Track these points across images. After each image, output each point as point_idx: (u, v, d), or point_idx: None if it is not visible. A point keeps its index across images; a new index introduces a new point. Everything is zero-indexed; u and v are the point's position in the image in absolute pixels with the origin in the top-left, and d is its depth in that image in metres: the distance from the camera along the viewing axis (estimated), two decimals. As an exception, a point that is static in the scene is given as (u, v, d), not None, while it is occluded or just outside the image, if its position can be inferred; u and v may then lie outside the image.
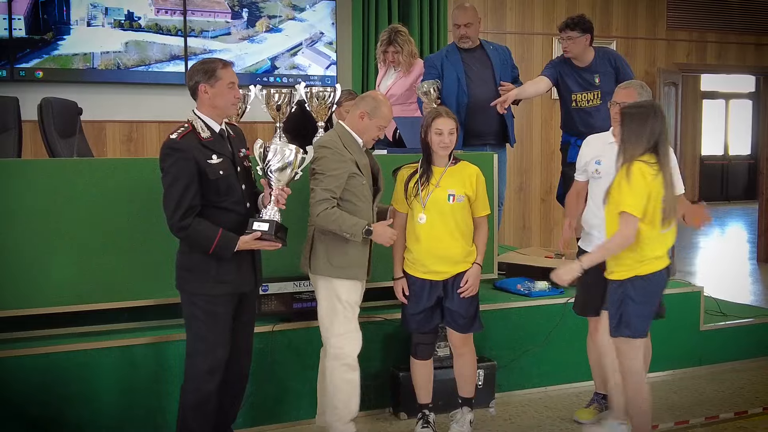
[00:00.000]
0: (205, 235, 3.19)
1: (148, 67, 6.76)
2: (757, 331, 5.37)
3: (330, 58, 7.33)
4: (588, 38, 5.10)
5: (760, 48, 9.27)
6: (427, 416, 3.94)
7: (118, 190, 3.81)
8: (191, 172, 3.15)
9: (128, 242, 3.82)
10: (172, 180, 3.16)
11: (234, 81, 3.30)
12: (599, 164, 3.91)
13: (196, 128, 3.24)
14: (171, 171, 3.16)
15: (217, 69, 3.25)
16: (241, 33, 7.05)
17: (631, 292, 3.44)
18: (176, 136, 3.18)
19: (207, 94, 3.25)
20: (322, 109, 4.29)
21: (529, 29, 8.18)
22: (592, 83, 5.11)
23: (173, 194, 3.15)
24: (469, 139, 5.24)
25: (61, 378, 3.68)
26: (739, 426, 4.16)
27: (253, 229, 3.26)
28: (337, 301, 3.60)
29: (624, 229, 3.37)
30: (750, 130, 16.73)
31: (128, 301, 3.89)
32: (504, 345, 4.48)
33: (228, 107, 3.32)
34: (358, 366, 3.65)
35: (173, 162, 3.15)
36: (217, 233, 3.19)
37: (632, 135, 3.40)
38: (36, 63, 6.45)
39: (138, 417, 3.80)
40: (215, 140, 3.28)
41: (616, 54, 5.45)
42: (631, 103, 3.63)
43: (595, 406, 4.16)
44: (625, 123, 3.44)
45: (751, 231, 10.73)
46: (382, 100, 3.70)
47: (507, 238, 7.91)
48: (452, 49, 5.39)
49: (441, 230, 3.72)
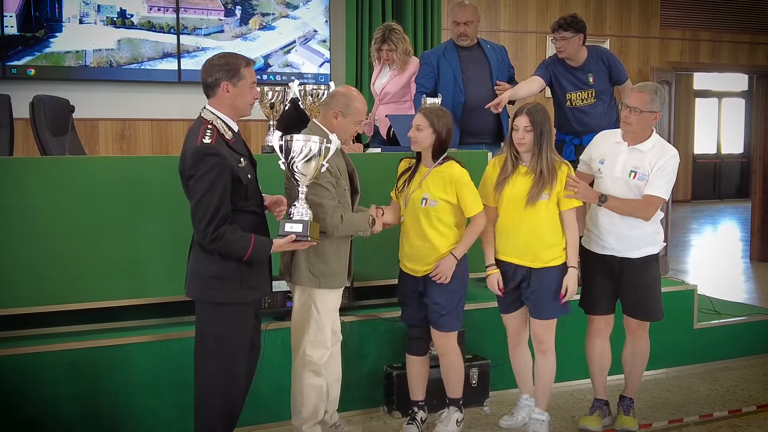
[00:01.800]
0: (240, 243, 3.03)
1: (141, 64, 6.73)
2: (751, 330, 5.38)
3: (323, 56, 7.31)
4: (581, 38, 5.09)
5: (754, 47, 9.29)
6: (415, 413, 3.93)
7: (111, 188, 3.79)
8: (227, 178, 2.99)
9: (120, 240, 3.80)
10: (208, 187, 2.96)
11: (255, 81, 3.17)
12: (602, 164, 3.91)
13: (219, 129, 3.07)
14: (206, 178, 2.96)
15: (241, 67, 3.09)
16: (234, 30, 7.02)
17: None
18: (209, 140, 2.98)
19: (228, 93, 3.09)
20: (315, 107, 4.27)
21: (522, 28, 8.18)
22: (586, 82, 5.10)
23: (208, 203, 2.96)
24: (465, 137, 5.22)
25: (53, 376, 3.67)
26: (732, 424, 4.16)
27: (287, 231, 3.16)
28: (314, 310, 3.56)
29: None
30: (743, 128, 16.79)
31: (118, 300, 3.87)
32: (498, 343, 4.46)
33: (247, 108, 3.17)
34: (323, 372, 3.62)
35: (209, 168, 2.96)
36: (251, 240, 3.06)
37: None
38: (28, 60, 6.41)
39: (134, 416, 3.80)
40: (237, 141, 3.14)
41: (609, 53, 5.44)
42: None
43: (598, 413, 4.10)
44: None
45: (744, 229, 10.76)
46: (354, 95, 3.58)
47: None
48: (449, 47, 5.37)
49: (411, 230, 3.76)
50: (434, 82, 5.25)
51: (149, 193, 3.83)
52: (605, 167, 3.88)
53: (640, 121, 3.77)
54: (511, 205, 3.77)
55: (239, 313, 3.16)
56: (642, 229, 3.86)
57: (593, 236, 3.99)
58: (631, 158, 3.82)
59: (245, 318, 3.20)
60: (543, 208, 3.73)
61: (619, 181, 3.85)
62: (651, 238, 3.91)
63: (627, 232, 3.86)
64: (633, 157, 3.82)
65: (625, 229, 3.86)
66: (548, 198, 3.73)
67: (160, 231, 3.85)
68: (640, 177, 3.80)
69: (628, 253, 3.89)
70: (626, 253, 3.89)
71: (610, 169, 3.86)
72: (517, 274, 3.83)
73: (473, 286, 4.42)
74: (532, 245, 3.77)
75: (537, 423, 3.93)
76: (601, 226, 3.92)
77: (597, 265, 3.99)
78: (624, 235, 3.87)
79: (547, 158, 3.71)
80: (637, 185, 3.81)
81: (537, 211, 3.73)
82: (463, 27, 5.27)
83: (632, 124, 3.78)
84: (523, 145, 3.73)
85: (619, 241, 3.89)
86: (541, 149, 3.71)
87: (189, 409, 3.41)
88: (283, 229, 3.18)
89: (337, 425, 3.90)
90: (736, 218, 13.57)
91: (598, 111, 5.21)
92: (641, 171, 3.80)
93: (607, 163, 3.88)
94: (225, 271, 3.09)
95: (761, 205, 9.42)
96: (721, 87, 16.42)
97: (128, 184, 3.81)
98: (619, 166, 3.84)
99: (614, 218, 3.86)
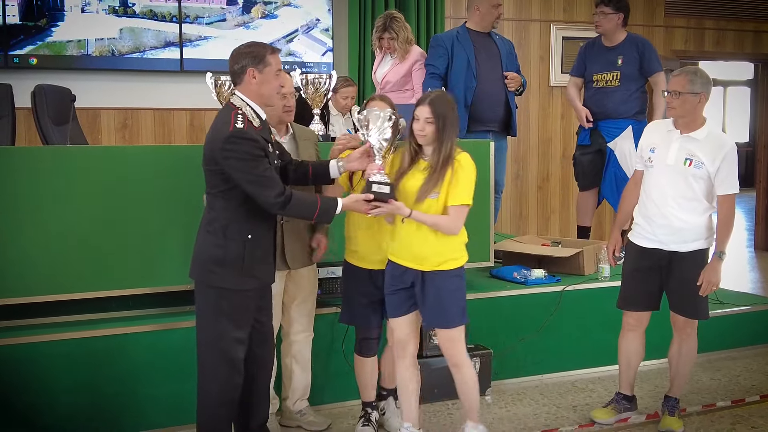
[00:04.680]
0: (307, 201, 3.18)
1: (143, 53, 6.71)
2: (754, 319, 5.37)
3: (326, 45, 7.28)
4: (620, 17, 5.30)
5: (759, 35, 9.22)
6: (369, 414, 3.83)
7: (113, 177, 3.78)
8: (264, 156, 3.08)
9: (123, 229, 3.79)
10: (255, 163, 3.04)
11: (281, 68, 3.21)
12: (653, 152, 3.77)
13: (248, 116, 3.12)
14: (246, 157, 3.03)
15: (267, 54, 3.14)
16: (237, 19, 7.00)
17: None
18: (242, 125, 3.05)
19: (255, 79, 3.13)
20: (317, 97, 4.26)
21: (526, 16, 8.13)
22: (613, 63, 5.13)
23: (263, 174, 3.05)
24: (474, 124, 5.21)
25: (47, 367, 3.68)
26: (735, 414, 4.16)
27: (374, 191, 3.23)
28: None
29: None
30: (748, 117, 16.71)
31: (124, 289, 3.86)
32: (500, 333, 4.46)
33: (272, 96, 3.21)
34: None
35: (249, 149, 3.03)
36: (317, 198, 3.22)
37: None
38: (30, 50, 6.40)
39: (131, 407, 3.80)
40: (264, 129, 3.19)
41: (647, 42, 5.50)
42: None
43: (614, 406, 4.03)
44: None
45: (749, 219, 10.70)
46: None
47: (504, 226, 7.90)
48: (463, 31, 5.35)
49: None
50: (447, 64, 5.23)
51: (152, 182, 3.82)
52: (656, 156, 3.73)
53: (683, 104, 3.64)
54: (405, 203, 3.30)
55: (238, 300, 3.17)
56: (697, 219, 3.70)
57: (639, 229, 3.83)
58: (685, 146, 3.67)
59: (244, 305, 3.19)
60: (429, 208, 3.29)
61: (671, 170, 3.69)
62: (704, 230, 3.73)
63: (681, 223, 3.70)
64: (687, 146, 3.66)
65: (680, 218, 3.69)
66: (437, 197, 3.28)
67: (163, 220, 3.84)
68: (696, 165, 3.64)
69: (680, 246, 3.73)
70: (676, 246, 3.74)
71: (662, 158, 3.70)
72: (407, 276, 3.39)
73: (471, 275, 4.41)
74: (415, 246, 3.34)
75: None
76: (650, 216, 3.76)
77: (638, 259, 3.84)
78: (678, 228, 3.71)
79: (447, 153, 3.29)
80: (693, 174, 3.64)
81: (424, 210, 3.29)
82: (501, 9, 5.33)
83: (676, 108, 3.65)
84: (423, 137, 3.31)
85: (672, 233, 3.72)
86: (442, 143, 3.29)
87: (190, 399, 3.42)
88: (369, 188, 3.23)
89: (302, 413, 3.92)
90: (741, 207, 13.37)
91: (618, 96, 5.22)
92: (696, 159, 3.64)
93: (658, 152, 3.73)
94: (227, 255, 3.12)
95: (766, 194, 9.40)
96: (727, 76, 16.32)
97: (131, 173, 3.80)
98: (672, 154, 3.68)
99: (664, 208, 3.70)
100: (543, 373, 4.69)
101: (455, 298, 3.37)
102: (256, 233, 3.17)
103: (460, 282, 3.39)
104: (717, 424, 4.02)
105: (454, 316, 3.38)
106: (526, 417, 4.11)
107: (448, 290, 3.35)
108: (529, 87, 7.43)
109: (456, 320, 3.39)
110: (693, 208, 3.69)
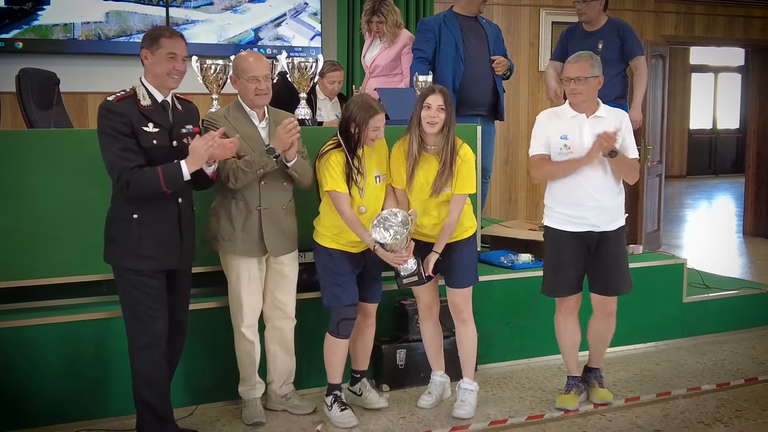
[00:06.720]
0: (147, 175, 3.13)
1: (129, 37, 6.65)
2: (740, 304, 5.39)
3: (315, 29, 7.24)
4: (602, 3, 5.37)
5: (749, 20, 9.22)
6: (340, 397, 3.83)
7: (97, 161, 3.74)
8: (126, 133, 3.12)
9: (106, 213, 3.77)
10: (110, 140, 3.12)
11: (175, 53, 3.23)
12: (566, 139, 3.82)
13: (138, 95, 3.21)
14: (107, 132, 3.12)
15: (162, 37, 3.23)
16: (224, 3, 6.94)
17: None
18: (113, 98, 3.16)
19: (147, 60, 3.24)
20: (303, 81, 4.23)
21: (516, 1, 8.10)
22: (593, 48, 5.11)
23: (111, 150, 3.13)
24: (462, 108, 5.19)
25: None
26: (720, 397, 4.17)
27: (405, 283, 3.71)
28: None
29: None
30: (739, 103, 16.74)
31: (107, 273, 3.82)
32: (486, 317, 4.47)
33: (164, 77, 3.24)
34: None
35: (108, 123, 3.12)
36: (158, 170, 3.14)
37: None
38: (16, 33, 6.34)
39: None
40: (155, 110, 3.24)
41: (627, 26, 5.54)
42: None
43: (574, 390, 4.04)
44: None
45: (739, 205, 10.75)
46: (239, 56, 3.67)
47: (493, 211, 7.89)
48: (449, 16, 5.35)
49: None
50: (434, 48, 5.22)
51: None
52: (571, 142, 3.79)
53: (588, 89, 3.75)
54: (421, 194, 3.73)
55: (140, 279, 3.23)
56: (618, 199, 3.87)
57: (566, 217, 3.86)
58: (596, 127, 3.75)
59: (148, 285, 3.24)
60: (442, 197, 3.73)
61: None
62: (622, 208, 3.91)
63: (609, 203, 3.83)
64: (597, 126, 3.75)
65: (608, 199, 3.82)
66: (449, 190, 3.72)
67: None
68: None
69: (608, 226, 3.83)
70: (605, 227, 3.83)
71: (578, 142, 3.77)
72: (430, 248, 3.79)
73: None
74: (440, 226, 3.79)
75: (466, 392, 3.91)
76: (580, 202, 3.81)
77: (569, 245, 3.88)
78: (606, 208, 3.82)
79: (453, 143, 3.67)
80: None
81: (440, 200, 3.73)
82: None
83: (582, 93, 3.75)
84: (434, 125, 3.63)
85: (601, 215, 3.81)
86: (449, 132, 3.66)
87: (175, 381, 3.42)
88: (402, 283, 3.72)
89: (288, 397, 3.93)
90: (731, 193, 13.56)
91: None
92: None
93: (572, 138, 3.79)
94: (116, 235, 3.24)
95: (755, 180, 9.42)
96: (718, 62, 16.34)
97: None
98: (587, 137, 3.76)
99: (594, 192, 3.79)
100: (529, 357, 4.70)
101: (473, 261, 3.90)
102: (144, 214, 3.21)
103: (474, 247, 3.95)
104: (701, 407, 4.04)
105: (471, 276, 3.89)
106: (511, 400, 4.13)
107: (469, 255, 3.86)
108: (518, 72, 7.44)
109: (473, 279, 3.90)
110: (613, 186, 3.84)
